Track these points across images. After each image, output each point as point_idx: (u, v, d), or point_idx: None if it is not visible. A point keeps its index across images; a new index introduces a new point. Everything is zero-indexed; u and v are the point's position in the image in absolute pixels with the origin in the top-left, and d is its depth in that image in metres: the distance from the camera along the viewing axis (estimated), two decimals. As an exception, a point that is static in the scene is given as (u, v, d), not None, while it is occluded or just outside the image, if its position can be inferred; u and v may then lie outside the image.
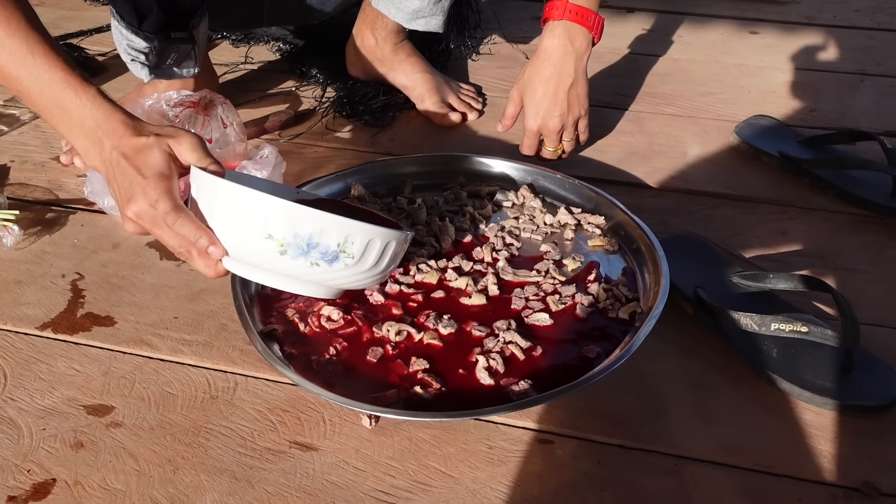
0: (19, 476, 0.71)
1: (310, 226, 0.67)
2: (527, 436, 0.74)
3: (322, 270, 0.69)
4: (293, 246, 0.67)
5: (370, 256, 0.70)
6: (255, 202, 0.67)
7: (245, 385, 0.80)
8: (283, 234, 0.67)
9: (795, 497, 0.69)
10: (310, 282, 0.72)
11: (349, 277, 0.71)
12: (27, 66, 0.71)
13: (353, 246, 0.69)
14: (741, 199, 1.07)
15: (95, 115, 0.71)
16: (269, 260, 0.69)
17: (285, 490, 0.70)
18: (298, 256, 0.68)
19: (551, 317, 0.82)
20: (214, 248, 0.69)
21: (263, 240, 0.68)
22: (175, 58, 1.03)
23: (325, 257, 0.68)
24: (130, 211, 0.70)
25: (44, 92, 0.72)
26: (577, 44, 1.01)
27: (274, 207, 0.67)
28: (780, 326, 0.79)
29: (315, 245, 0.68)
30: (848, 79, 1.39)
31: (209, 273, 0.72)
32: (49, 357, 0.83)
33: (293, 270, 0.69)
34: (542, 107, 1.03)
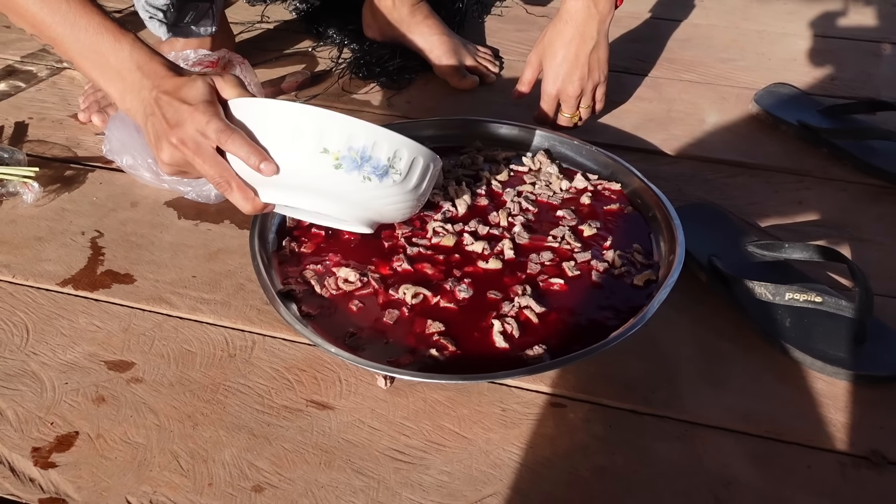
0: (43, 428, 0.72)
1: (364, 138, 0.68)
2: (540, 399, 0.76)
3: (372, 186, 0.70)
4: (347, 159, 0.68)
5: (414, 175, 0.72)
6: (311, 115, 0.68)
7: (262, 344, 0.81)
8: (339, 147, 0.68)
9: (804, 464, 0.70)
10: (355, 203, 0.72)
11: (393, 198, 0.72)
12: (62, 12, 0.71)
13: (401, 162, 0.70)
14: (758, 167, 1.07)
15: (136, 57, 0.71)
16: (322, 176, 0.69)
17: (302, 447, 0.71)
18: (352, 170, 0.69)
19: (566, 282, 0.82)
20: (266, 164, 0.68)
21: (318, 154, 0.68)
22: (193, 16, 1.02)
23: (376, 171, 0.69)
24: (174, 137, 0.69)
25: (80, 37, 0.71)
26: (601, 6, 1.00)
27: (330, 120, 0.68)
28: (794, 296, 0.79)
29: (368, 158, 0.69)
30: (870, 47, 1.37)
31: (246, 207, 0.73)
32: (70, 313, 0.84)
33: (344, 186, 0.70)
34: (562, 70, 1.02)
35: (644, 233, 0.89)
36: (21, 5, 0.71)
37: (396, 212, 0.75)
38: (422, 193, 0.74)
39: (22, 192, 0.98)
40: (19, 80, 1.25)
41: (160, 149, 0.71)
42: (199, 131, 0.69)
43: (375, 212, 0.75)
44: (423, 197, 0.75)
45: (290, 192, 0.72)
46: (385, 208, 0.74)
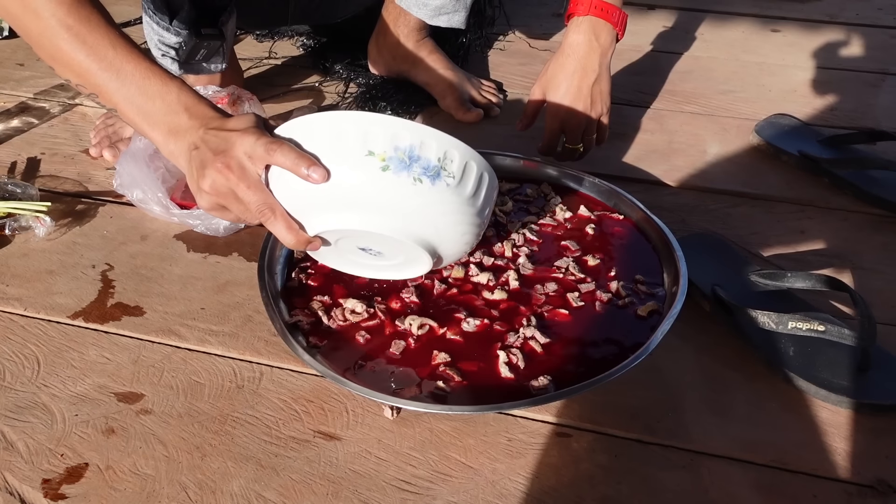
0: (53, 460, 0.73)
1: (409, 137, 0.66)
2: (545, 429, 0.76)
3: (425, 190, 0.66)
4: (395, 160, 0.65)
5: (469, 181, 0.68)
6: (353, 119, 0.66)
7: (270, 375, 0.82)
8: (385, 148, 0.65)
9: (811, 493, 0.70)
10: (409, 215, 0.68)
11: (451, 206, 0.68)
12: (108, 59, 0.72)
13: (453, 164, 0.67)
14: (760, 197, 1.08)
15: (184, 100, 0.72)
16: (370, 181, 0.66)
17: (309, 477, 0.71)
18: (401, 171, 0.66)
19: (571, 313, 0.83)
20: (315, 168, 0.66)
21: (364, 158, 0.66)
22: (204, 54, 1.05)
23: (427, 172, 0.66)
24: (220, 162, 0.69)
25: (125, 82, 0.72)
26: (602, 39, 1.01)
27: (372, 121, 0.66)
28: (798, 325, 0.80)
29: (417, 158, 0.66)
30: (869, 78, 1.39)
31: (289, 239, 0.71)
32: (80, 345, 0.85)
33: (394, 192, 0.66)
34: (564, 102, 1.04)
35: (648, 263, 0.90)
36: (67, 54, 0.72)
37: (457, 230, 0.70)
38: (480, 207, 0.70)
39: (34, 227, 1.00)
40: (32, 116, 1.28)
41: (203, 177, 0.70)
42: (246, 153, 0.69)
43: (434, 229, 0.70)
44: (483, 214, 0.70)
45: (339, 212, 0.68)
46: (444, 225, 0.69)
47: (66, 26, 0.71)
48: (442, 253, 0.74)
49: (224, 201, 0.71)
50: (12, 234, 1.00)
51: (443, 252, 0.74)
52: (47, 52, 0.74)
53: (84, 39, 0.72)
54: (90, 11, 0.72)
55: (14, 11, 0.72)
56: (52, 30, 0.71)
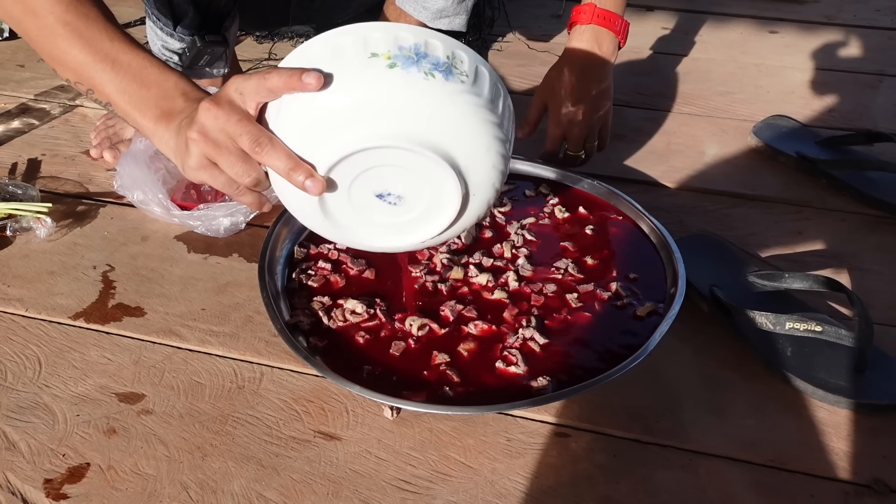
0: (55, 460, 0.73)
1: (413, 38, 0.61)
2: (544, 429, 0.76)
3: (439, 85, 0.60)
4: (401, 57, 0.60)
5: (484, 85, 0.62)
6: (349, 31, 0.63)
7: (270, 375, 0.82)
8: (388, 48, 0.61)
9: (808, 493, 0.70)
10: (425, 118, 0.61)
11: (470, 108, 0.61)
12: (104, 51, 0.71)
13: (463, 65, 0.62)
14: (758, 198, 1.08)
15: (182, 86, 0.71)
16: (377, 82, 0.60)
17: (310, 477, 0.72)
18: (409, 66, 0.60)
19: (570, 313, 0.83)
20: (307, 74, 0.60)
21: (368, 60, 0.60)
22: (208, 59, 1.05)
23: (437, 67, 0.61)
24: (207, 103, 0.65)
25: (120, 72, 0.71)
26: (605, 48, 1.02)
27: (371, 27, 0.62)
28: (795, 325, 0.80)
29: (424, 55, 0.61)
30: (867, 79, 1.40)
31: (296, 176, 0.63)
32: (82, 346, 0.86)
33: (405, 91, 0.60)
34: (567, 109, 1.04)
35: (647, 263, 0.90)
36: (64, 50, 0.72)
37: (480, 141, 0.63)
38: (501, 117, 0.63)
39: (35, 228, 1.00)
40: (33, 117, 1.28)
41: (190, 126, 0.66)
42: (237, 90, 0.64)
43: (455, 136, 0.62)
44: (505, 128, 0.64)
45: (348, 133, 0.61)
46: (467, 132, 0.62)
47: (63, 22, 0.71)
48: (469, 175, 0.65)
49: (213, 151, 0.66)
50: (13, 236, 1.01)
51: (470, 174, 0.65)
52: (47, 52, 0.74)
53: (81, 34, 0.71)
54: (89, 8, 0.72)
55: (14, 13, 0.73)
56: (50, 27, 0.71)
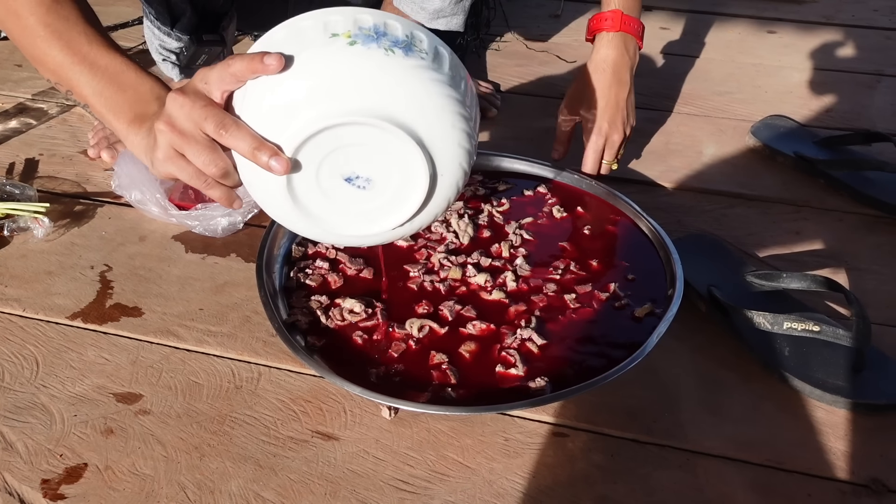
0: (52, 460, 0.73)
1: (371, 18, 0.63)
2: (542, 429, 0.76)
3: (399, 60, 0.61)
4: (361, 35, 0.61)
5: (444, 64, 0.63)
6: (309, 15, 0.63)
7: (268, 375, 0.82)
8: (348, 27, 0.61)
9: (805, 493, 0.70)
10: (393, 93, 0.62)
11: (432, 85, 0.62)
12: (82, 53, 0.71)
13: (423, 44, 0.63)
14: (756, 198, 1.09)
15: (158, 91, 0.72)
16: (339, 60, 0.61)
17: (307, 477, 0.72)
18: (370, 43, 0.61)
19: (568, 314, 0.83)
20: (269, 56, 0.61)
21: (329, 39, 0.61)
22: (205, 59, 1.05)
23: (397, 44, 0.61)
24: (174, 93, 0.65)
25: (97, 74, 0.72)
26: (631, 51, 1.03)
27: (329, 11, 0.63)
28: (793, 325, 0.80)
29: (384, 33, 0.62)
30: (865, 79, 1.40)
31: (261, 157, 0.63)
32: (79, 346, 0.86)
33: (368, 68, 0.61)
34: (605, 116, 1.02)
35: (646, 263, 0.90)
36: (44, 51, 0.72)
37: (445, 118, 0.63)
38: (463, 94, 0.64)
39: (32, 228, 1.00)
40: (30, 117, 1.28)
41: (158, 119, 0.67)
42: (201, 80, 0.65)
43: (420, 111, 0.63)
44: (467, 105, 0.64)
45: (311, 110, 0.62)
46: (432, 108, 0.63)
47: (44, 24, 0.71)
48: (436, 153, 0.65)
49: (180, 140, 0.65)
50: (11, 236, 1.01)
51: (437, 151, 0.65)
52: (28, 52, 0.74)
53: (60, 35, 0.72)
54: (70, 10, 0.72)
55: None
56: (31, 28, 0.72)
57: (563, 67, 1.43)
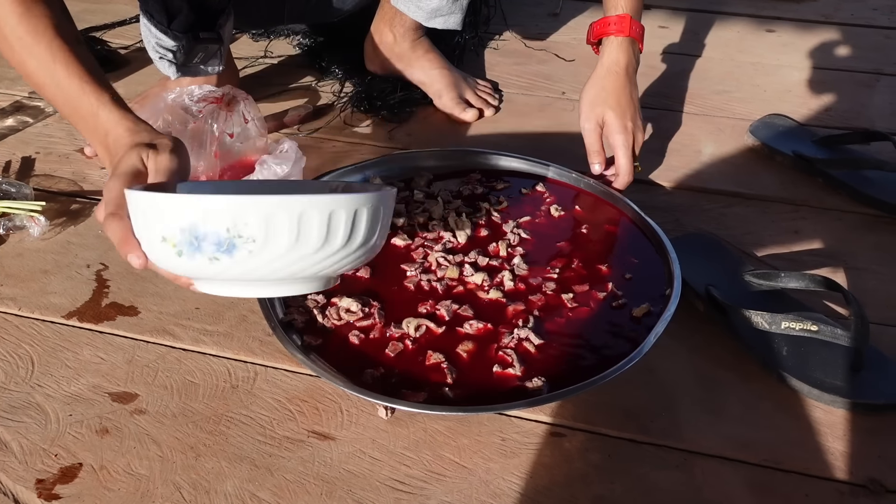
0: (47, 460, 0.73)
1: (191, 214, 0.58)
2: (539, 429, 0.76)
3: (227, 264, 0.59)
4: (184, 244, 0.59)
5: (279, 235, 0.58)
6: (147, 202, 0.60)
7: (265, 375, 0.82)
8: (172, 232, 0.59)
9: (802, 493, 0.70)
10: (236, 283, 0.63)
11: (269, 265, 0.60)
12: (50, 73, 0.74)
13: (248, 227, 0.57)
14: (755, 198, 1.08)
15: (105, 123, 0.73)
16: (176, 266, 0.61)
17: (303, 477, 0.72)
18: (193, 254, 0.59)
19: (565, 313, 0.83)
20: (132, 255, 0.64)
21: (161, 244, 0.60)
22: (202, 56, 1.05)
23: (220, 248, 0.58)
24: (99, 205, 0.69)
25: (66, 98, 0.74)
26: (637, 52, 1.04)
27: (162, 201, 0.59)
28: (791, 325, 0.80)
29: (203, 236, 0.58)
30: (864, 78, 1.39)
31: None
32: (75, 345, 0.85)
33: (200, 272, 0.61)
34: (628, 116, 1.01)
35: (641, 263, 0.90)
36: (20, 62, 0.75)
37: (301, 274, 0.62)
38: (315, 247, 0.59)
39: (28, 226, 1.00)
40: (27, 115, 1.27)
41: None
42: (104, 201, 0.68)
43: (274, 281, 0.62)
44: (327, 249, 0.60)
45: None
46: (284, 275, 0.62)
47: (16, 36, 0.74)
48: (312, 284, 0.65)
49: None
50: (7, 234, 1.00)
51: (314, 282, 0.65)
52: (8, 59, 0.77)
53: (30, 50, 0.74)
54: (40, 20, 0.74)
55: None
56: (7, 39, 0.74)
57: (561, 66, 1.43)
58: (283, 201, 0.58)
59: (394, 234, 0.94)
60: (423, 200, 0.99)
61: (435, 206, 0.97)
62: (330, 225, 0.59)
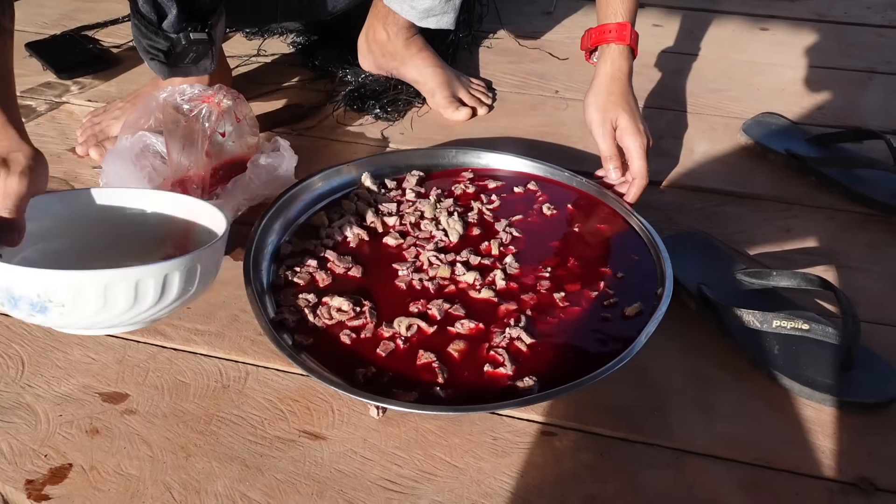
0: (37, 461, 0.73)
1: (4, 280, 0.65)
2: (531, 428, 0.76)
3: (43, 319, 0.67)
4: (5, 299, 0.66)
5: (86, 301, 0.66)
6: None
7: (256, 375, 0.82)
8: None
9: (793, 491, 0.70)
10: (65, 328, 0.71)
11: (81, 322, 0.68)
12: None
13: (59, 294, 0.65)
14: (747, 196, 1.08)
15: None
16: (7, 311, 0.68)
17: (294, 477, 0.71)
18: (14, 308, 0.67)
19: (557, 312, 0.83)
20: None
21: None
22: (193, 57, 1.04)
23: (34, 308, 0.66)
24: None
25: None
26: (633, 61, 1.04)
27: None
28: (782, 323, 0.80)
29: (18, 297, 0.66)
30: (857, 77, 1.39)
31: None
32: (65, 345, 0.85)
33: (25, 320, 0.68)
34: (638, 118, 1.00)
35: (633, 262, 0.90)
36: None
37: (112, 329, 0.73)
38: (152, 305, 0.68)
39: (20, 226, 0.99)
40: (19, 114, 1.27)
41: None
42: None
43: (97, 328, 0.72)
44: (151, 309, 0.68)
45: None
46: (98, 329, 0.72)
47: None
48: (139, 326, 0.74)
49: None
50: None
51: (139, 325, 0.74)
52: None
53: None
54: None
55: None
56: None
57: (555, 65, 1.43)
58: (87, 276, 0.65)
59: (385, 233, 0.94)
60: (414, 200, 0.99)
61: (427, 206, 0.97)
62: (137, 291, 0.66)
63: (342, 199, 0.99)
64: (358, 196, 0.99)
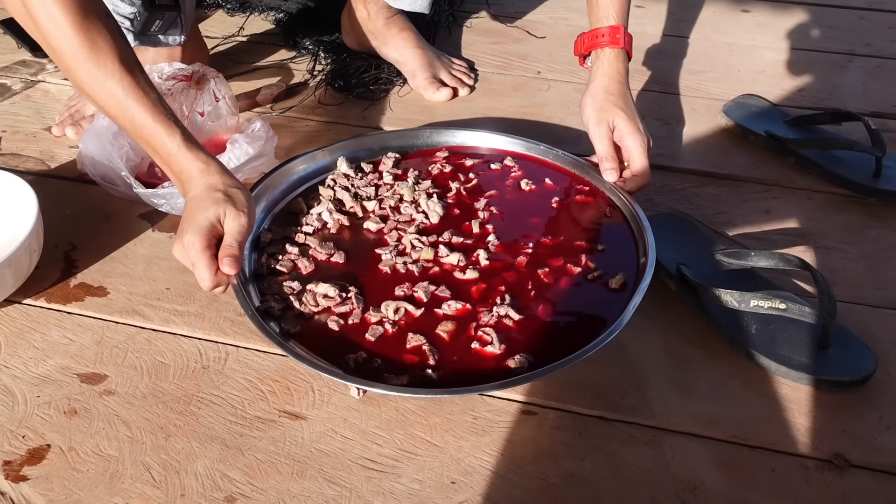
0: (14, 441, 0.72)
1: None
2: (511, 407, 0.76)
3: None
4: None
5: None
6: None
7: (236, 355, 0.81)
8: None
9: (769, 468, 0.71)
10: None
11: None
12: (122, 109, 0.78)
13: None
14: (727, 177, 1.09)
15: (178, 161, 0.79)
16: None
17: (274, 457, 0.71)
18: None
19: (542, 288, 0.83)
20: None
21: None
22: (160, 25, 1.03)
23: None
24: (177, 243, 0.77)
25: (139, 133, 0.79)
26: (629, 62, 1.04)
27: None
28: (759, 303, 0.81)
29: None
30: (837, 59, 1.40)
31: None
32: (43, 326, 0.84)
33: None
34: (637, 118, 0.99)
35: (613, 234, 0.90)
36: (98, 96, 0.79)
37: None
38: None
39: (-5, 206, 0.98)
40: (-7, 93, 1.25)
41: None
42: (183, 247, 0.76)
43: None
44: None
45: None
46: None
47: (87, 71, 0.77)
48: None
49: None
50: (-28, 214, 0.98)
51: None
52: (80, 88, 0.82)
53: (102, 85, 0.77)
54: (107, 54, 0.77)
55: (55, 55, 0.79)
56: (77, 74, 0.78)
57: (537, 45, 1.42)
58: None
59: (365, 218, 0.93)
60: (392, 183, 0.98)
61: (405, 189, 0.96)
62: None
63: (319, 185, 0.98)
64: (335, 181, 0.99)
